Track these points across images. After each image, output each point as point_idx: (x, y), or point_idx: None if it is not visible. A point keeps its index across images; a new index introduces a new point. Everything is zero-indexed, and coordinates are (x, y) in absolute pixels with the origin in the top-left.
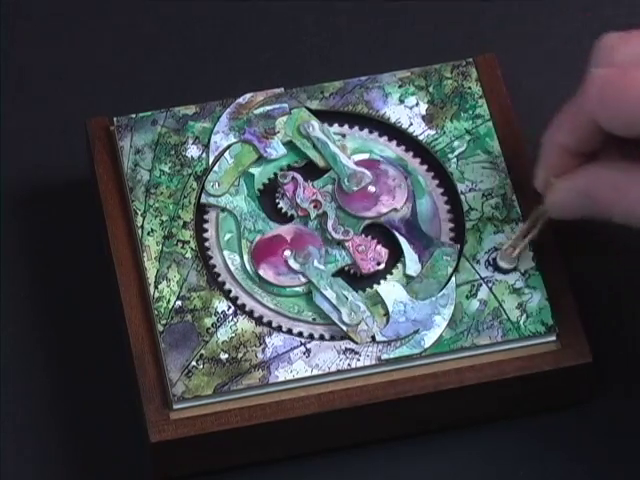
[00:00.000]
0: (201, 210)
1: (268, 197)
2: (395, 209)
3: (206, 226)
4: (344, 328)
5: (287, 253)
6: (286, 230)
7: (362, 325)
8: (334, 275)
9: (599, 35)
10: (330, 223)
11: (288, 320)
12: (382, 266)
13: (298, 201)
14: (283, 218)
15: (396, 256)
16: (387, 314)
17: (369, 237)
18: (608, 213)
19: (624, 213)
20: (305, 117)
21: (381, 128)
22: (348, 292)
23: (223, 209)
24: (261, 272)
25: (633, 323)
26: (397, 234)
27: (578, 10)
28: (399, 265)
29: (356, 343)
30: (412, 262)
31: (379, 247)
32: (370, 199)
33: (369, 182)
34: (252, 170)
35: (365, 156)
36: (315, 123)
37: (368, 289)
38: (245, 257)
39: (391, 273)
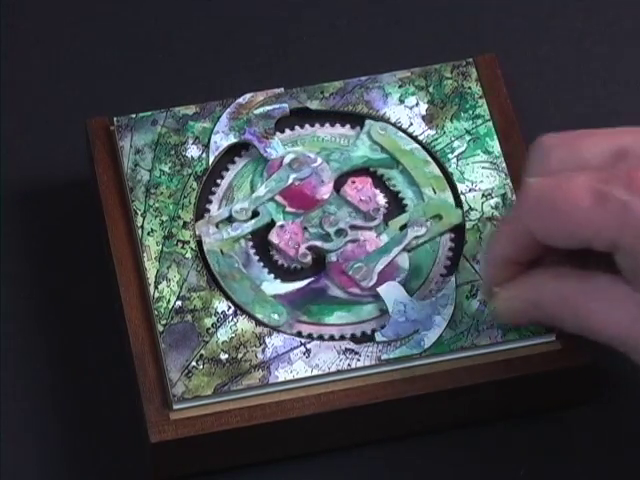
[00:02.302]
0: (201, 210)
1: None
2: None
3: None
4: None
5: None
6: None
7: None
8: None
9: (599, 35)
10: (330, 226)
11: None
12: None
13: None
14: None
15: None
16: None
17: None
18: (559, 322)
19: (576, 324)
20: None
21: None
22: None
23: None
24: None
25: None
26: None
27: (578, 10)
28: None
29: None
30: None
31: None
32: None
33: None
34: None
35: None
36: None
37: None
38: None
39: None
